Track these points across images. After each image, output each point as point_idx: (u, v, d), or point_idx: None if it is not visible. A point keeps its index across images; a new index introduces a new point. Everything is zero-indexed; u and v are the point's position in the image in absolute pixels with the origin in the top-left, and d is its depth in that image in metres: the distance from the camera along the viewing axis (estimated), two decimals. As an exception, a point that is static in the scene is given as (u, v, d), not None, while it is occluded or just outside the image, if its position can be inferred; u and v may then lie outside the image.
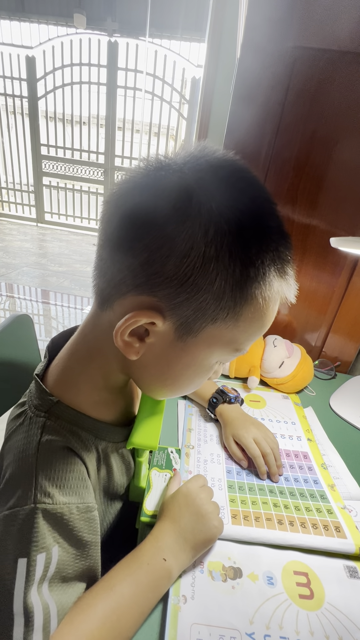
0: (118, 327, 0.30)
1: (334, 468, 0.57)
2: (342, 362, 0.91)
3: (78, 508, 0.33)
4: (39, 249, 3.95)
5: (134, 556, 0.36)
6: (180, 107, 4.11)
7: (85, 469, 0.36)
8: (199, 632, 0.34)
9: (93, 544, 0.34)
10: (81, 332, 0.38)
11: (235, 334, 0.31)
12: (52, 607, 0.28)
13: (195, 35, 3.63)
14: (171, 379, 0.36)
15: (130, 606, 0.32)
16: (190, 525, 0.39)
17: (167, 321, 0.30)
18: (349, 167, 0.71)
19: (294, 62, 0.65)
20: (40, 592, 0.28)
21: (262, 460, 0.53)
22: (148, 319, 0.29)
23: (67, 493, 0.32)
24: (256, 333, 0.33)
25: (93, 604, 0.31)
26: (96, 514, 0.35)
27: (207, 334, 0.31)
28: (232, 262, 0.27)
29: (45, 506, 0.30)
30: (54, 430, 0.34)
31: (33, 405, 0.36)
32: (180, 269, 0.27)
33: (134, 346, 0.32)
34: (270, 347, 0.77)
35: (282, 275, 0.30)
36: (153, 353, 0.33)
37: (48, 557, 0.29)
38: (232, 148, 0.71)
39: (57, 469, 0.33)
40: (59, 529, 0.31)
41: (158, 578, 0.35)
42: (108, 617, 0.31)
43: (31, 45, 4.00)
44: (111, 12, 3.71)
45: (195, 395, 0.68)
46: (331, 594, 0.39)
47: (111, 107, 4.14)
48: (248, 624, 0.35)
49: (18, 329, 0.63)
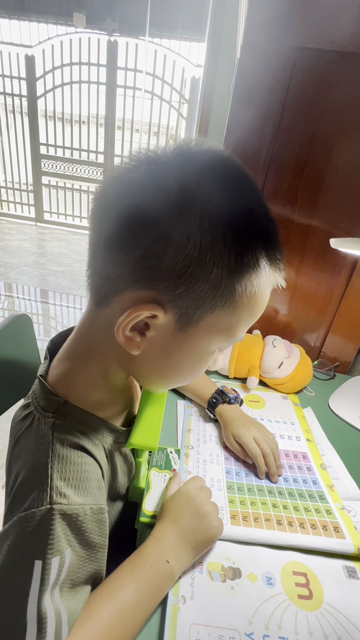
0: (120, 323, 0.30)
1: (333, 468, 0.57)
2: (341, 363, 0.91)
3: (92, 509, 0.32)
4: (38, 248, 3.94)
5: (137, 559, 0.36)
6: (180, 106, 4.10)
7: (100, 470, 0.36)
8: (198, 632, 0.34)
9: (101, 547, 0.33)
10: (78, 332, 0.38)
11: (233, 321, 0.32)
12: (63, 614, 0.28)
13: (195, 34, 3.63)
14: (172, 369, 0.36)
15: (135, 611, 0.32)
16: (191, 525, 0.39)
17: (167, 313, 0.30)
18: (349, 168, 0.71)
19: (294, 63, 0.65)
20: (52, 597, 0.27)
21: (262, 460, 0.53)
22: (150, 312, 0.29)
23: (81, 494, 0.32)
24: (252, 318, 0.34)
25: (98, 611, 0.30)
26: (107, 516, 0.34)
27: (207, 323, 0.31)
28: (226, 250, 0.28)
29: (61, 507, 0.30)
30: (65, 430, 0.34)
31: (40, 406, 0.35)
32: (178, 261, 0.27)
33: (135, 341, 0.32)
34: (269, 348, 0.77)
35: (273, 260, 0.31)
36: (154, 346, 0.33)
37: (62, 561, 0.29)
38: (231, 148, 0.72)
39: (71, 469, 0.32)
40: (72, 531, 0.30)
41: (161, 580, 0.35)
42: (114, 624, 0.30)
43: (30, 44, 3.99)
44: (111, 11, 3.70)
45: (195, 395, 0.68)
46: (330, 595, 0.39)
47: (111, 107, 4.14)
48: (247, 625, 0.35)
49: (17, 329, 0.63)
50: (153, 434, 0.41)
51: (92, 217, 0.31)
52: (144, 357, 0.34)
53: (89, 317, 0.36)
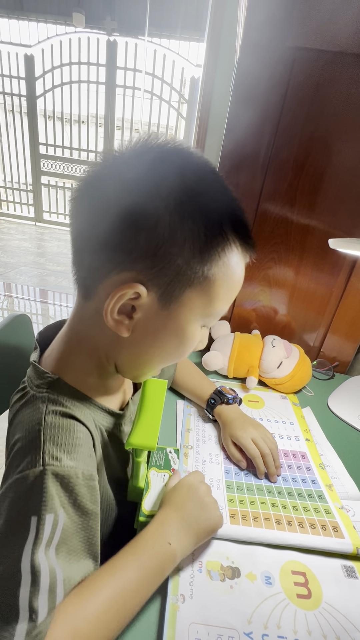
0: (107, 307, 0.33)
1: (332, 468, 0.57)
2: (340, 363, 0.92)
3: (83, 474, 0.34)
4: (38, 248, 3.94)
5: (139, 540, 0.36)
6: (180, 106, 4.10)
7: (91, 438, 0.38)
8: (197, 631, 0.34)
9: (93, 514, 0.34)
10: (69, 326, 0.40)
11: (212, 295, 0.35)
12: (58, 573, 0.29)
13: (195, 34, 3.63)
14: (159, 349, 0.38)
15: (136, 590, 0.33)
16: (194, 513, 0.40)
17: (150, 292, 0.33)
18: (348, 168, 0.71)
19: (293, 63, 0.65)
20: (47, 555, 0.29)
21: (261, 461, 0.53)
22: (133, 290, 0.32)
23: (73, 458, 0.34)
24: (230, 292, 0.37)
25: (100, 587, 0.31)
26: (97, 484, 0.36)
27: (187, 298, 0.34)
28: (195, 227, 0.31)
29: (53, 468, 0.31)
30: (57, 402, 0.36)
31: (34, 385, 0.37)
32: (152, 241, 0.31)
33: (123, 323, 0.34)
34: (268, 348, 0.77)
35: (241, 235, 0.35)
36: (142, 327, 0.35)
37: (55, 519, 0.30)
38: (231, 148, 0.72)
39: (63, 435, 0.34)
40: (65, 492, 0.32)
41: (163, 562, 0.36)
42: (115, 600, 0.31)
43: (30, 44, 3.99)
44: (110, 11, 3.70)
45: (194, 395, 0.68)
46: (329, 594, 0.39)
47: (110, 107, 4.14)
48: (246, 624, 0.35)
49: (16, 329, 0.63)
50: (152, 433, 0.41)
51: (71, 215, 0.35)
52: (134, 339, 0.36)
53: (78, 310, 0.38)
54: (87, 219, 0.33)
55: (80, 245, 0.34)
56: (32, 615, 0.26)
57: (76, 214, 0.34)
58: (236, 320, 0.91)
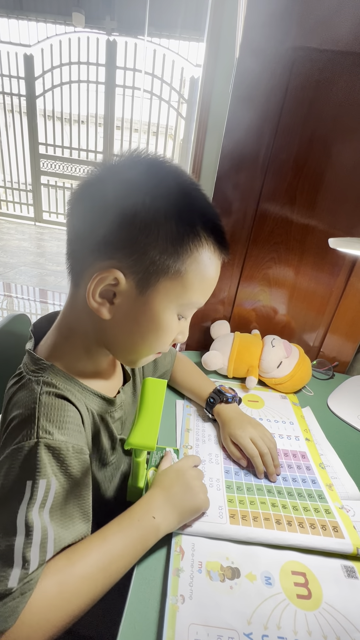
0: (88, 290, 0.37)
1: (332, 468, 0.57)
2: (340, 362, 0.91)
3: (74, 447, 0.37)
4: (37, 248, 3.93)
5: (126, 514, 0.40)
6: (179, 106, 4.10)
7: (80, 417, 0.41)
8: (197, 632, 0.34)
9: (85, 485, 0.38)
10: (62, 314, 0.45)
11: (185, 285, 0.39)
12: (50, 531, 0.33)
13: (194, 34, 3.63)
14: (139, 335, 0.41)
15: (121, 555, 0.36)
16: (179, 494, 0.43)
17: (128, 279, 0.37)
18: (348, 168, 0.71)
19: (293, 62, 0.65)
20: (41, 515, 0.32)
21: (259, 460, 0.53)
22: (112, 275, 0.36)
23: (64, 433, 0.37)
24: (204, 284, 0.41)
25: (88, 549, 0.35)
26: (87, 459, 0.40)
27: (163, 287, 0.38)
28: (167, 222, 0.36)
29: (46, 440, 0.35)
30: (51, 385, 0.40)
31: (30, 370, 0.41)
32: (130, 234, 0.36)
33: (105, 306, 0.39)
34: (268, 347, 0.77)
35: (214, 235, 0.39)
36: (122, 312, 0.39)
37: (48, 484, 0.34)
38: (230, 148, 0.72)
39: (55, 413, 0.38)
40: (57, 462, 0.36)
41: (147, 533, 0.39)
42: (101, 562, 0.35)
43: (29, 44, 3.99)
44: (110, 10, 3.70)
45: (193, 394, 0.68)
46: (329, 594, 0.39)
47: (110, 106, 4.13)
48: (246, 624, 0.35)
49: (16, 328, 0.63)
50: (151, 433, 0.41)
51: (68, 214, 0.40)
52: (116, 323, 0.40)
53: (70, 298, 0.43)
54: (79, 215, 0.39)
55: (72, 238, 0.40)
56: (24, 564, 0.30)
57: (72, 212, 0.39)
58: (236, 320, 0.91)
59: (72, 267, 0.40)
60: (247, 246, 0.82)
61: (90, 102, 4.21)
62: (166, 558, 0.41)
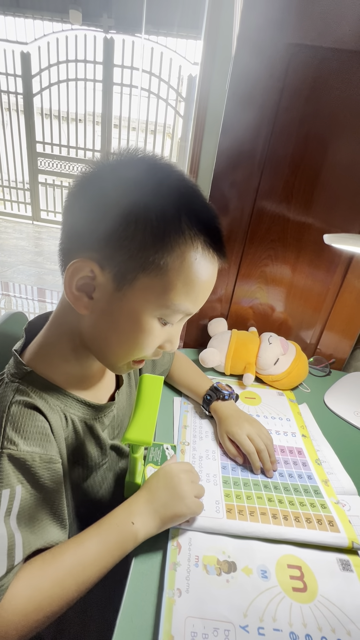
0: (64, 280, 0.36)
1: (328, 463, 0.58)
2: (337, 359, 0.92)
3: (41, 458, 0.37)
4: (35, 247, 3.92)
5: (106, 518, 0.40)
6: (177, 104, 4.09)
7: (48, 426, 0.40)
8: (194, 625, 0.34)
9: (56, 492, 0.38)
10: (54, 312, 0.44)
11: (165, 285, 0.36)
12: (17, 538, 0.33)
13: (192, 32, 3.62)
14: (117, 334, 0.39)
15: (95, 560, 0.36)
16: (163, 499, 0.42)
17: (104, 272, 0.36)
18: (344, 166, 0.71)
19: (290, 60, 0.65)
20: (7, 522, 0.33)
21: (256, 457, 0.53)
22: (87, 266, 0.35)
23: (30, 444, 0.37)
24: (188, 287, 0.37)
25: (63, 553, 0.35)
26: (59, 467, 0.39)
27: (141, 284, 0.36)
28: (147, 215, 0.34)
29: (10, 451, 0.35)
30: (24, 393, 0.39)
31: (10, 373, 0.41)
32: (109, 225, 0.34)
33: (82, 300, 0.37)
34: (265, 345, 0.77)
35: (204, 234, 0.36)
36: (99, 308, 0.38)
37: (12, 493, 0.34)
38: (227, 146, 0.72)
39: (23, 423, 0.37)
40: (22, 472, 0.35)
41: (124, 539, 0.38)
42: (74, 566, 0.35)
43: (26, 41, 3.96)
44: (107, 8, 3.68)
45: (190, 391, 0.68)
46: (324, 587, 0.39)
47: (107, 105, 4.12)
48: (242, 617, 0.35)
49: (14, 327, 0.63)
50: (148, 429, 0.41)
51: (63, 213, 0.39)
52: (95, 320, 0.39)
53: (61, 297, 0.41)
54: (71, 212, 0.38)
55: (64, 234, 0.39)
56: None
57: (66, 209, 0.39)
58: (233, 317, 0.91)
59: (63, 263, 0.40)
60: (244, 244, 0.82)
61: (87, 100, 4.19)
62: (163, 552, 0.41)
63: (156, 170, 0.37)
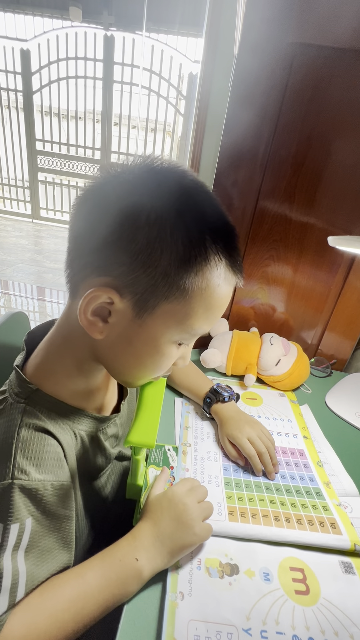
0: (80, 306, 0.34)
1: (330, 465, 0.58)
2: (338, 360, 0.92)
3: (52, 485, 0.36)
4: (35, 245, 3.91)
5: (110, 550, 0.37)
6: (177, 103, 4.08)
7: (62, 451, 0.39)
8: (196, 628, 0.34)
9: (66, 517, 0.37)
10: (57, 324, 0.41)
11: (187, 312, 0.35)
12: (21, 574, 0.31)
13: (193, 30, 3.60)
14: (134, 357, 0.38)
15: (96, 596, 0.34)
16: (169, 530, 0.39)
17: (124, 299, 0.33)
18: (347, 166, 0.71)
19: (293, 59, 0.65)
20: (14, 558, 0.31)
21: (257, 460, 0.53)
22: (105, 294, 0.33)
23: (42, 471, 0.35)
24: (209, 312, 0.36)
25: (62, 586, 0.34)
26: (70, 491, 0.38)
27: (162, 311, 0.34)
28: (174, 241, 0.31)
29: (21, 482, 0.33)
30: (33, 415, 0.37)
31: (14, 392, 0.38)
32: (129, 250, 0.31)
33: (97, 325, 0.35)
34: (266, 345, 0.77)
35: (226, 257, 0.34)
36: (116, 332, 0.36)
37: (21, 527, 0.32)
38: (229, 146, 0.72)
39: (34, 449, 0.36)
40: (33, 503, 0.34)
41: (127, 576, 0.36)
42: (74, 602, 0.33)
43: (26, 38, 3.94)
44: (107, 5, 3.66)
45: (191, 393, 0.68)
46: (327, 590, 0.39)
47: (107, 103, 4.10)
48: (245, 620, 0.35)
49: (14, 327, 0.63)
50: (151, 431, 0.41)
51: (70, 220, 0.36)
52: (108, 343, 0.37)
53: (67, 309, 0.39)
54: (81, 223, 0.35)
55: (72, 247, 0.36)
56: None
57: (74, 217, 0.36)
58: (234, 317, 0.91)
59: (70, 278, 0.37)
60: (246, 244, 0.81)
61: (87, 98, 4.17)
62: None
63: (179, 187, 0.33)
